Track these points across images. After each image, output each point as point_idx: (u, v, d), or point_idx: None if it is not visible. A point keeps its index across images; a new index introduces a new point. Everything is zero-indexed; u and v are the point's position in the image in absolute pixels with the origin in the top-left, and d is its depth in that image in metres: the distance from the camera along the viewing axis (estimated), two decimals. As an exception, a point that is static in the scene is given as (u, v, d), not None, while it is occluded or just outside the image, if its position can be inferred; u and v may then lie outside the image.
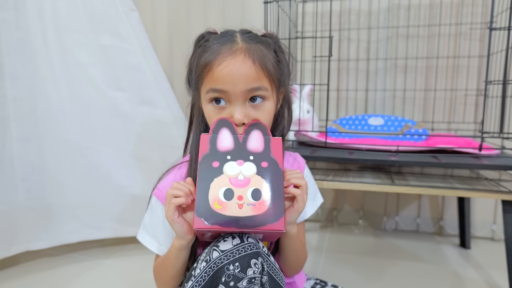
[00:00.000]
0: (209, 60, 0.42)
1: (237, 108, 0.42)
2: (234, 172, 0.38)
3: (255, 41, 0.44)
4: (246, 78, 0.41)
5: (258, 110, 0.43)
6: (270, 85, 0.43)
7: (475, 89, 0.96)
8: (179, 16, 1.12)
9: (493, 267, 0.82)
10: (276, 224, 0.36)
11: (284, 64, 0.47)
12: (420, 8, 0.97)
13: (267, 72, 0.42)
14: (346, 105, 1.06)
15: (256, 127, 0.42)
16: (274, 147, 0.40)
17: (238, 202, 0.37)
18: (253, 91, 0.42)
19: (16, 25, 0.75)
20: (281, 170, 0.39)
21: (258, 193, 0.38)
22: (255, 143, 0.40)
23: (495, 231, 0.99)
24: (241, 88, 0.41)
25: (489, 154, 0.72)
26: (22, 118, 0.76)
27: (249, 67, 0.41)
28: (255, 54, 0.42)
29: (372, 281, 0.75)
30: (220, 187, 0.38)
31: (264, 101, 0.43)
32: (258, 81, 0.42)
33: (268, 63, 0.43)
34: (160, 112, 0.88)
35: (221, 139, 0.40)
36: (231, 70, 0.41)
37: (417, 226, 1.05)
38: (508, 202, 0.66)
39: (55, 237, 0.83)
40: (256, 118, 0.43)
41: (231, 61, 0.41)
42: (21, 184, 0.76)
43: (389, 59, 1.01)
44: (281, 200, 0.38)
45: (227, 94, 0.42)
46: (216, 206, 0.37)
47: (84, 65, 0.82)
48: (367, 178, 0.74)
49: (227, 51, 0.42)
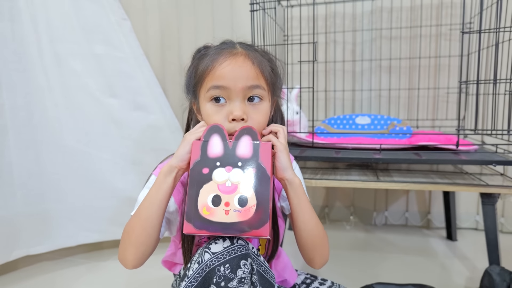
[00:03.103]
0: (210, 62, 0.45)
1: (236, 105, 0.44)
2: (223, 179, 0.40)
3: (252, 49, 0.48)
4: (247, 75, 0.44)
5: (256, 109, 0.46)
6: (267, 87, 0.47)
7: (456, 87, 1.00)
8: (170, 24, 1.15)
9: (478, 257, 0.86)
10: (260, 231, 0.38)
11: (276, 74, 0.50)
12: (402, 11, 1.01)
13: (265, 74, 0.46)
14: (334, 105, 1.09)
15: (246, 132, 0.42)
16: (263, 152, 0.41)
17: (225, 208, 0.39)
18: (252, 88, 0.45)
19: (11, 36, 0.77)
20: (269, 176, 0.40)
21: (244, 200, 0.39)
22: (244, 149, 0.41)
23: (479, 221, 1.03)
24: (242, 84, 0.44)
25: (468, 149, 0.76)
26: (20, 126, 0.79)
27: (249, 67, 0.45)
28: (254, 57, 0.46)
29: (364, 275, 0.78)
30: (208, 193, 0.39)
31: (261, 101, 0.46)
32: (257, 79, 0.45)
33: (265, 68, 0.47)
34: (153, 117, 0.91)
35: (211, 146, 0.41)
36: (233, 67, 0.44)
37: (405, 220, 1.09)
38: (486, 194, 0.69)
39: (54, 241, 0.85)
40: (254, 117, 0.45)
41: (233, 60, 0.45)
42: (19, 190, 0.79)
43: (374, 60, 1.05)
44: (267, 207, 0.39)
45: (227, 91, 0.44)
46: (204, 212, 0.39)
47: (79, 73, 0.84)
48: (354, 175, 0.77)
49: (228, 53, 0.46)
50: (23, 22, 0.79)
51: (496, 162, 0.67)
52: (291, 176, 0.43)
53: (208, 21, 1.12)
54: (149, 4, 1.15)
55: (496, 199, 0.69)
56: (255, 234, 0.38)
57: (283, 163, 0.43)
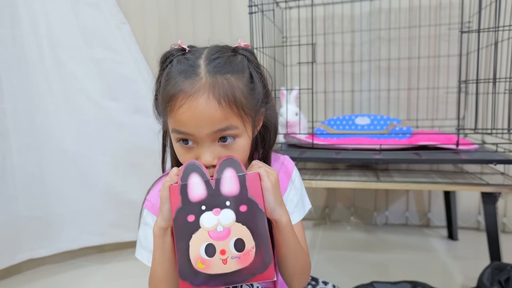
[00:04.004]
0: (171, 96, 0.37)
1: (205, 150, 0.38)
2: (212, 224, 0.35)
3: (223, 71, 0.38)
4: (211, 120, 0.37)
5: (229, 150, 0.39)
6: (241, 121, 0.39)
7: (455, 87, 1.00)
8: (168, 27, 1.15)
9: (479, 257, 0.86)
10: (265, 274, 0.34)
11: (258, 88, 0.41)
12: (400, 12, 1.01)
13: (236, 108, 0.38)
14: (333, 106, 1.09)
15: (228, 165, 0.37)
16: (251, 185, 0.36)
17: (221, 257, 0.34)
18: (221, 131, 0.38)
19: (12, 41, 0.78)
20: (263, 211, 0.36)
21: (241, 243, 0.35)
22: (229, 185, 0.36)
23: (480, 221, 1.03)
24: (207, 131, 0.37)
25: (468, 149, 0.76)
26: (21, 130, 0.79)
27: (214, 109, 0.36)
28: (221, 92, 0.37)
29: (365, 275, 0.78)
30: (200, 243, 0.35)
31: (235, 139, 0.39)
32: (226, 121, 0.37)
33: (237, 97, 0.38)
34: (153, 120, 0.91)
35: (191, 188, 0.36)
36: (193, 113, 0.36)
37: (406, 219, 1.09)
38: (487, 194, 0.69)
39: (57, 244, 0.86)
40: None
41: (193, 103, 0.36)
42: (22, 194, 0.79)
43: (372, 61, 1.05)
44: (267, 245, 0.35)
45: (192, 137, 0.38)
46: (199, 266, 0.34)
47: (79, 77, 0.85)
48: (354, 176, 0.77)
49: (188, 88, 0.37)
50: (24, 28, 0.80)
51: (497, 161, 0.67)
52: (279, 217, 0.38)
53: (206, 24, 1.13)
54: (148, 7, 1.16)
55: (496, 198, 0.69)
56: (260, 278, 0.34)
57: (271, 204, 0.37)
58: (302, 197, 0.51)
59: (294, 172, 0.51)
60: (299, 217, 0.49)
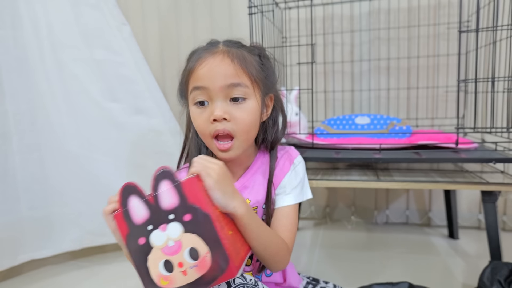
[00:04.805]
0: (192, 64, 0.45)
1: (217, 105, 0.43)
2: (162, 241, 0.35)
3: (236, 46, 0.47)
4: (225, 74, 0.43)
5: (240, 108, 0.44)
6: (251, 83, 0.44)
7: (455, 86, 1.01)
8: (169, 28, 1.16)
9: (480, 256, 0.86)
10: (226, 274, 0.35)
11: (269, 69, 0.48)
12: (399, 12, 1.02)
13: (247, 71, 0.44)
14: (333, 106, 1.10)
15: (162, 177, 0.36)
16: (189, 191, 0.35)
17: (180, 270, 0.35)
18: (232, 87, 0.43)
19: (13, 43, 0.78)
20: (207, 214, 0.35)
21: (195, 252, 0.35)
22: (168, 198, 0.36)
23: (481, 220, 1.03)
24: (220, 83, 0.43)
25: (468, 148, 0.76)
26: (23, 131, 0.80)
27: (227, 65, 0.43)
28: (234, 54, 0.44)
29: (366, 274, 0.78)
30: (157, 262, 0.36)
31: (245, 100, 0.45)
32: (237, 77, 0.43)
33: (248, 63, 0.45)
34: (154, 120, 0.92)
35: (133, 211, 0.36)
36: (210, 67, 0.44)
37: (406, 218, 1.09)
38: (487, 192, 0.69)
39: (59, 245, 0.86)
40: (237, 116, 0.44)
41: (210, 60, 0.44)
42: (23, 195, 0.80)
43: (372, 61, 1.05)
44: (220, 246, 0.35)
45: (207, 92, 0.44)
46: (163, 283, 0.35)
47: (80, 78, 0.85)
48: (354, 175, 0.78)
49: (208, 54, 0.45)
50: (25, 29, 0.80)
51: (496, 160, 0.67)
52: (233, 210, 0.38)
53: (206, 25, 1.13)
54: (148, 8, 1.17)
55: (496, 197, 0.70)
56: (223, 279, 0.35)
57: (220, 201, 0.37)
58: (302, 184, 0.52)
59: (297, 159, 0.53)
60: (294, 201, 0.50)
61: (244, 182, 0.50)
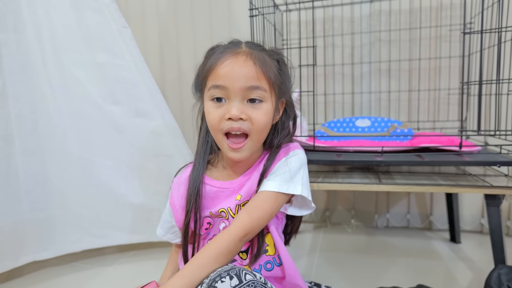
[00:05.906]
0: (214, 61, 0.46)
1: (235, 104, 0.45)
2: None
3: (258, 49, 0.48)
4: (246, 76, 0.44)
5: (256, 109, 0.46)
6: (269, 88, 0.46)
7: (457, 88, 1.00)
8: (168, 31, 1.16)
9: (483, 260, 0.85)
10: None
11: (285, 74, 0.50)
12: (400, 13, 1.01)
13: (267, 75, 0.46)
14: (334, 109, 1.09)
15: None
16: None
17: None
18: (252, 89, 0.45)
19: (16, 47, 0.79)
20: None
21: None
22: None
23: (484, 224, 1.01)
24: (240, 85, 0.44)
25: (471, 150, 0.75)
26: (25, 134, 0.80)
27: (249, 67, 0.45)
28: (256, 57, 0.46)
29: (366, 278, 0.78)
30: None
31: (262, 102, 0.46)
32: (257, 80, 0.45)
33: (268, 68, 0.46)
34: (155, 123, 0.92)
35: None
36: (232, 68, 0.44)
37: (407, 222, 1.08)
38: (490, 196, 0.68)
39: (60, 247, 0.86)
40: (254, 116, 0.45)
41: (233, 60, 0.45)
42: (25, 197, 0.80)
43: (373, 63, 1.04)
44: None
45: (226, 91, 0.45)
46: None
47: (82, 81, 0.86)
48: (355, 178, 0.77)
49: (230, 53, 0.46)
50: (27, 33, 0.81)
51: (500, 163, 0.66)
52: None
53: (206, 27, 1.14)
54: (148, 11, 1.17)
55: (500, 201, 0.69)
56: None
57: None
58: (291, 175, 0.49)
59: (295, 151, 0.52)
60: (274, 187, 0.47)
61: (242, 181, 0.51)
